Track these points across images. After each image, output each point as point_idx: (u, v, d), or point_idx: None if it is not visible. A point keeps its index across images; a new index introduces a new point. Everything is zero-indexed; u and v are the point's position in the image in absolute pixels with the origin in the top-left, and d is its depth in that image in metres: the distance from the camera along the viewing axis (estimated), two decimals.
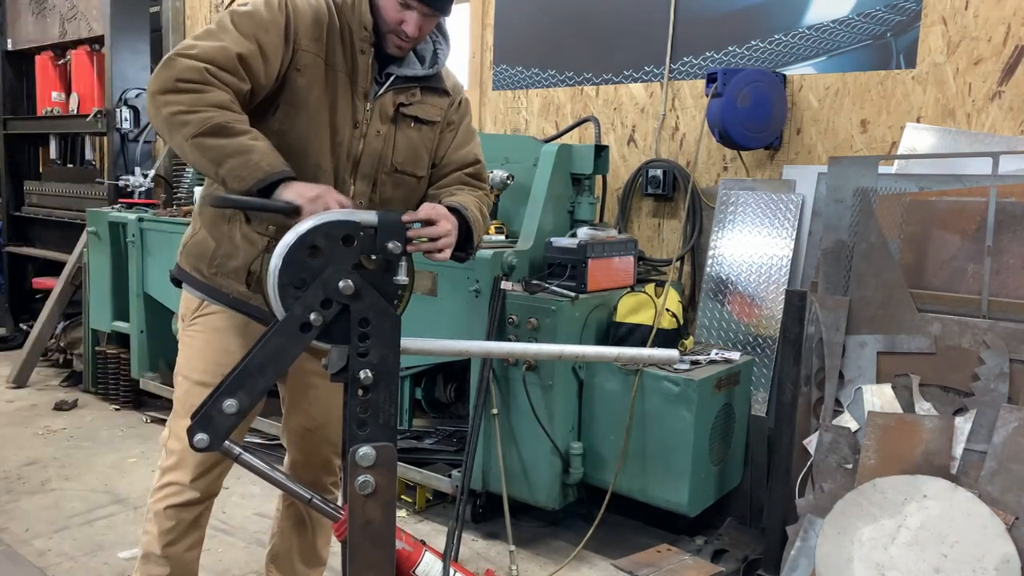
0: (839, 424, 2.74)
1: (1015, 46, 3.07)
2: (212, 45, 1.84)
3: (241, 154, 1.75)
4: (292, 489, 1.75)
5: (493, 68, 4.58)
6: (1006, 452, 2.46)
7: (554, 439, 3.10)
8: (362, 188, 2.09)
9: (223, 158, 1.75)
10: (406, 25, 1.97)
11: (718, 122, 3.41)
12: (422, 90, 2.14)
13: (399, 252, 1.60)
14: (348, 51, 2.02)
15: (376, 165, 2.09)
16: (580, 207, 3.61)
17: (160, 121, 1.81)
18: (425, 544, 1.91)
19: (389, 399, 1.55)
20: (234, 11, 1.93)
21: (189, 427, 1.50)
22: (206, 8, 6.22)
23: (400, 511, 3.52)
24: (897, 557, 2.42)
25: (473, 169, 2.28)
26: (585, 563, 3.15)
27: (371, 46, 2.03)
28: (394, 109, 2.09)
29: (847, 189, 2.98)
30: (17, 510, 3.47)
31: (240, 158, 1.75)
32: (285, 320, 1.50)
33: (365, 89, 2.04)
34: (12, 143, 6.44)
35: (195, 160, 1.80)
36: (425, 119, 2.15)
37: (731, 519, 3.40)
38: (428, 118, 2.16)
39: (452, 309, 3.31)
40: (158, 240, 4.49)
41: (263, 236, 2.01)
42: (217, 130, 1.75)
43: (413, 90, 2.12)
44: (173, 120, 1.77)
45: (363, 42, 2.01)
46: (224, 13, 1.94)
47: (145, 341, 4.65)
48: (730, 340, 3.58)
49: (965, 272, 2.77)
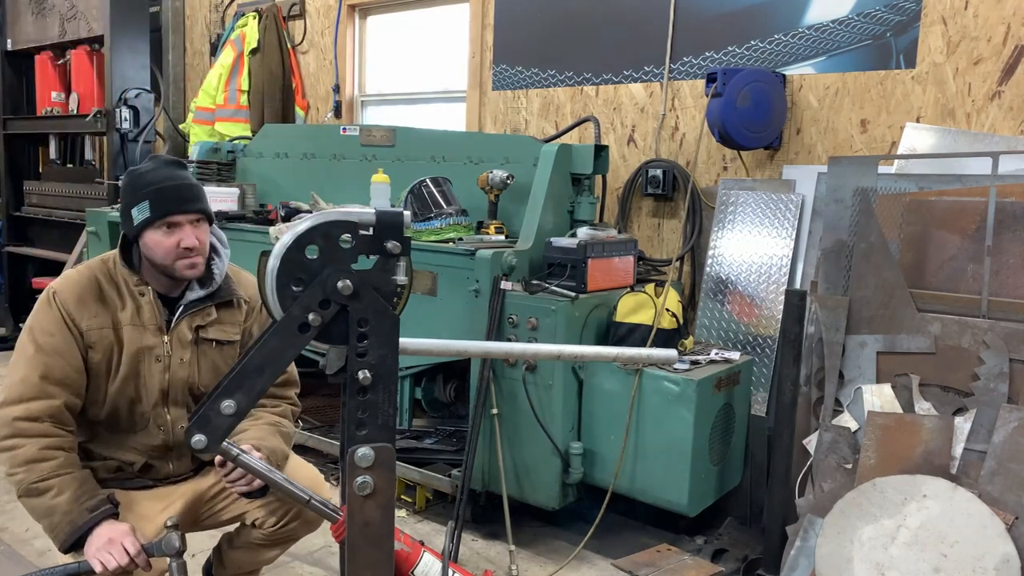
0: (839, 424, 2.74)
1: (1015, 46, 3.06)
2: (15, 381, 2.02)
3: (47, 516, 1.95)
4: (290, 490, 1.75)
5: (493, 68, 4.58)
6: (1006, 452, 2.45)
7: (554, 439, 3.10)
8: (177, 414, 2.19)
9: (39, 519, 1.98)
10: (184, 242, 2.08)
11: (718, 122, 3.41)
12: (217, 308, 2.24)
13: (398, 252, 1.59)
14: (128, 300, 2.15)
15: (185, 390, 2.20)
16: (580, 207, 3.61)
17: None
18: (424, 544, 1.91)
19: (388, 399, 1.54)
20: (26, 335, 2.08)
21: (187, 428, 1.50)
22: (206, 8, 6.22)
23: (400, 511, 3.52)
24: (897, 557, 2.42)
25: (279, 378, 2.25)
26: (585, 563, 3.15)
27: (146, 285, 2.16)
28: (193, 333, 2.19)
29: (847, 189, 2.97)
30: (17, 510, 3.45)
31: (47, 521, 1.96)
32: (283, 320, 1.50)
33: (157, 324, 2.15)
34: (12, 143, 6.43)
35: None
36: (224, 340, 2.25)
37: (731, 519, 3.40)
38: (227, 338, 2.25)
39: (452, 309, 3.31)
40: None
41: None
42: (26, 493, 1.96)
43: (207, 310, 2.22)
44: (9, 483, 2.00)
45: (137, 286, 2.15)
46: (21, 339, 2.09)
47: None
48: (730, 340, 3.57)
49: (965, 272, 2.76)
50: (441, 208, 3.57)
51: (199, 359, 2.20)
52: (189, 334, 2.18)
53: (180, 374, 2.17)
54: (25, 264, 6.47)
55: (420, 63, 5.11)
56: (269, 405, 2.29)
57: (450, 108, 4.93)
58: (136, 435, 2.18)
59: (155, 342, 2.14)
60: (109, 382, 2.12)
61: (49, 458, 1.98)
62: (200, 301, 2.21)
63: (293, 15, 5.60)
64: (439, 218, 3.53)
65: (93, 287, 2.12)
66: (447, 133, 4.29)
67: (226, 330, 2.25)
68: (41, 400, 2.01)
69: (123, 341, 2.12)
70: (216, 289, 2.22)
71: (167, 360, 2.16)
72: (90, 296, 2.11)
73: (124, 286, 2.15)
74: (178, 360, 2.17)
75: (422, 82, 5.12)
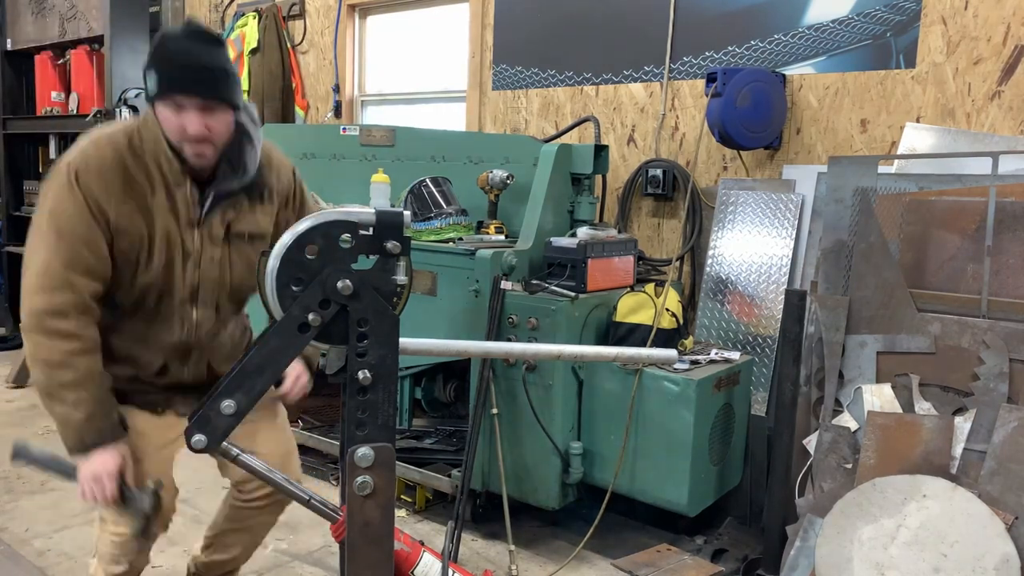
0: (839, 424, 2.74)
1: (1015, 46, 3.06)
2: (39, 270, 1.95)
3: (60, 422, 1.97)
4: (290, 490, 1.75)
5: (493, 68, 4.57)
6: (1006, 452, 2.45)
7: (554, 439, 3.10)
8: (204, 314, 2.12)
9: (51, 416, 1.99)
10: (187, 127, 1.91)
11: (718, 122, 3.41)
12: (249, 200, 2.12)
13: (397, 252, 1.59)
14: (158, 186, 2.00)
15: (216, 290, 2.12)
16: (580, 207, 3.61)
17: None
18: (424, 544, 1.91)
19: (388, 399, 1.54)
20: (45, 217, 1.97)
21: (186, 428, 1.50)
22: (206, 8, 6.22)
23: (400, 511, 3.52)
24: (897, 557, 2.42)
25: None
26: (585, 563, 3.15)
27: (184, 175, 2.00)
28: (224, 229, 2.09)
29: (847, 189, 2.97)
30: (17, 510, 3.47)
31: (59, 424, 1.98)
32: (283, 320, 1.50)
33: (190, 219, 2.04)
34: (12, 143, 6.44)
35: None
36: (257, 233, 2.14)
37: (731, 519, 3.40)
38: (260, 231, 2.15)
39: (452, 309, 3.31)
40: None
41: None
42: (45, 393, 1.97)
43: (239, 202, 2.10)
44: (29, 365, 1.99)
45: (174, 175, 2.00)
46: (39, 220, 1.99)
47: None
48: (730, 340, 3.57)
49: (965, 272, 2.76)
50: (441, 208, 3.57)
51: (231, 256, 2.11)
52: (220, 230, 2.07)
53: (211, 273, 2.08)
54: None
55: (420, 63, 5.11)
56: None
57: (450, 108, 4.93)
58: (158, 330, 2.09)
59: (187, 237, 2.03)
60: (137, 272, 2.01)
61: (72, 366, 1.93)
62: (231, 192, 2.06)
63: (293, 15, 5.60)
64: (439, 218, 3.54)
65: (119, 168, 1.96)
66: (447, 133, 4.29)
67: (259, 221, 2.14)
68: (66, 292, 1.92)
69: (154, 230, 1.99)
70: (248, 180, 2.07)
71: (197, 257, 2.05)
72: (116, 179, 1.95)
73: (155, 168, 1.99)
74: (209, 258, 2.07)
75: (422, 82, 5.12)
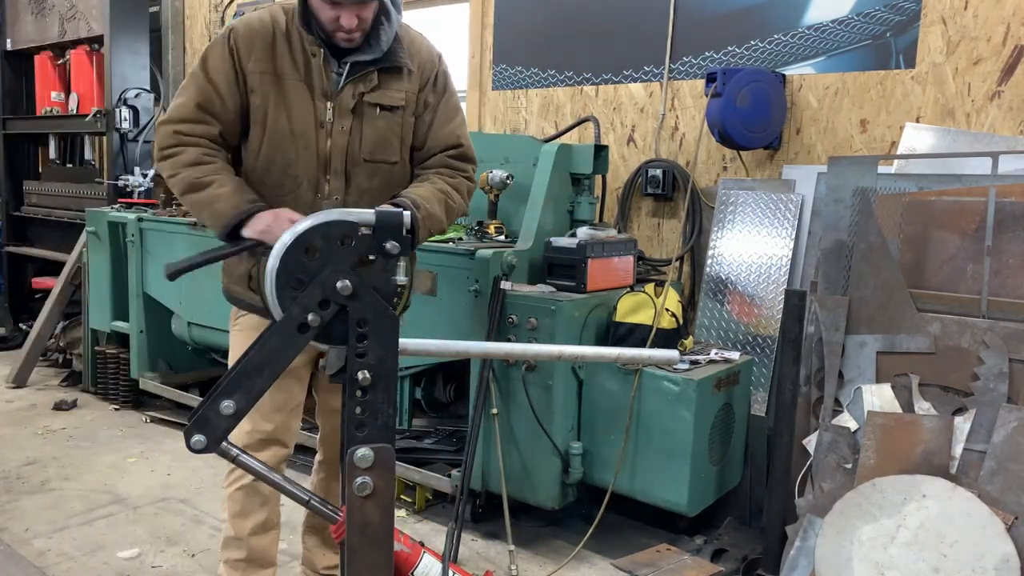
0: (838, 424, 2.74)
1: (1014, 46, 3.06)
2: (179, 103, 2.14)
3: (209, 205, 2.05)
4: (289, 491, 1.75)
5: (493, 68, 4.57)
6: (1005, 452, 2.45)
7: (554, 439, 3.10)
8: (336, 184, 2.18)
9: (199, 211, 2.09)
10: (342, 20, 2.06)
11: (718, 122, 3.41)
12: (381, 74, 2.19)
13: (397, 252, 1.59)
14: (299, 57, 2.15)
15: (345, 160, 2.17)
16: (580, 207, 3.61)
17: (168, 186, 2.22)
18: (424, 545, 1.91)
19: (387, 400, 1.54)
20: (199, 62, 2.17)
21: (186, 429, 1.50)
22: (206, 8, 6.22)
23: (400, 511, 3.52)
24: (896, 557, 2.42)
25: (456, 151, 2.30)
26: (585, 563, 3.15)
27: (320, 47, 2.13)
28: (355, 100, 2.16)
29: (847, 189, 2.97)
30: (17, 510, 3.47)
31: (208, 209, 2.06)
32: (283, 321, 1.50)
33: (323, 89, 2.14)
34: (11, 143, 6.43)
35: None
36: (389, 105, 2.20)
37: (731, 519, 3.40)
38: (392, 103, 2.21)
39: (452, 309, 3.31)
40: (157, 240, 4.49)
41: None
42: (189, 188, 2.07)
43: (371, 76, 2.17)
44: (170, 184, 2.13)
45: (311, 45, 2.14)
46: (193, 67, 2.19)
47: (144, 341, 4.65)
48: (730, 340, 3.57)
49: (965, 272, 2.76)
50: None
51: (362, 127, 2.18)
52: (351, 101, 2.16)
53: (340, 142, 2.16)
54: (25, 264, 6.47)
55: None
56: (447, 174, 2.26)
57: None
58: (287, 197, 2.16)
59: (320, 106, 2.14)
60: (265, 131, 2.14)
61: (209, 161, 2.10)
62: (364, 65, 2.16)
63: None
64: None
65: (266, 33, 2.13)
66: None
67: (392, 95, 2.20)
68: (198, 124, 2.11)
69: (285, 94, 2.13)
70: (381, 55, 2.17)
71: (329, 127, 2.15)
72: (260, 42, 2.13)
73: (298, 43, 2.14)
74: (340, 128, 2.15)
75: None
